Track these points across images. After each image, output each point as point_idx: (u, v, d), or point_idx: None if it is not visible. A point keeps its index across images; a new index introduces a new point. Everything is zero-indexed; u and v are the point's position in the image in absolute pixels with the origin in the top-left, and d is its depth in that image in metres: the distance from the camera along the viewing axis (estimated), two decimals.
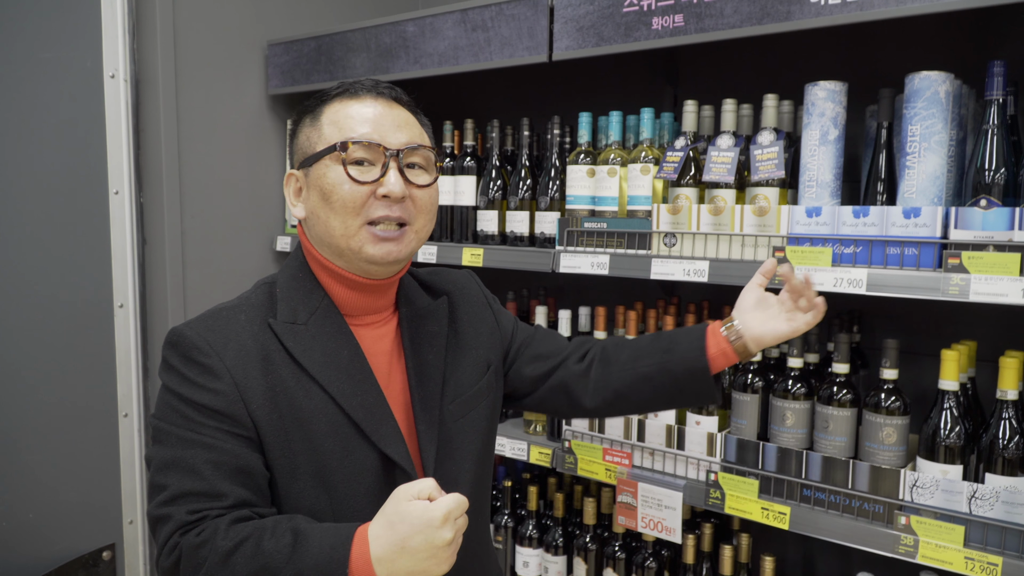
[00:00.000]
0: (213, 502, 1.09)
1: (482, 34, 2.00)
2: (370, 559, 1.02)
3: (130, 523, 2.28)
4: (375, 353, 1.27)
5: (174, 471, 1.11)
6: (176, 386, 1.15)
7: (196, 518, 1.08)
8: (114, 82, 2.17)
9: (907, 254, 1.49)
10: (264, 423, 1.15)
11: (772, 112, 1.72)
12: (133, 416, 2.26)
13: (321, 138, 1.21)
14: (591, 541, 2.09)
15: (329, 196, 1.18)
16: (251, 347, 1.17)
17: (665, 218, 1.77)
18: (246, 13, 2.44)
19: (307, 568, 1.02)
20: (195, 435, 1.12)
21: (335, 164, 1.18)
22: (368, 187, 1.17)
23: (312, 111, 1.25)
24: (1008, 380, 1.49)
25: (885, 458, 1.58)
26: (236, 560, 1.03)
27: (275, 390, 1.16)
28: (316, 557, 1.03)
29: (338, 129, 1.20)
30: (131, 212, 2.22)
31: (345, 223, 1.18)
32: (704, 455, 1.79)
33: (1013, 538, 1.42)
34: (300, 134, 1.25)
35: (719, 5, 1.62)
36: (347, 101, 1.23)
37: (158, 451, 1.14)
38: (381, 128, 1.20)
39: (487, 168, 2.20)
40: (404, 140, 1.21)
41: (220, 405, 1.13)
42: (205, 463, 1.11)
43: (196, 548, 1.06)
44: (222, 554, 1.04)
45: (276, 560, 1.03)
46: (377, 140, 1.18)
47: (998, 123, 1.48)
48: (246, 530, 1.06)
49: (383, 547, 1.02)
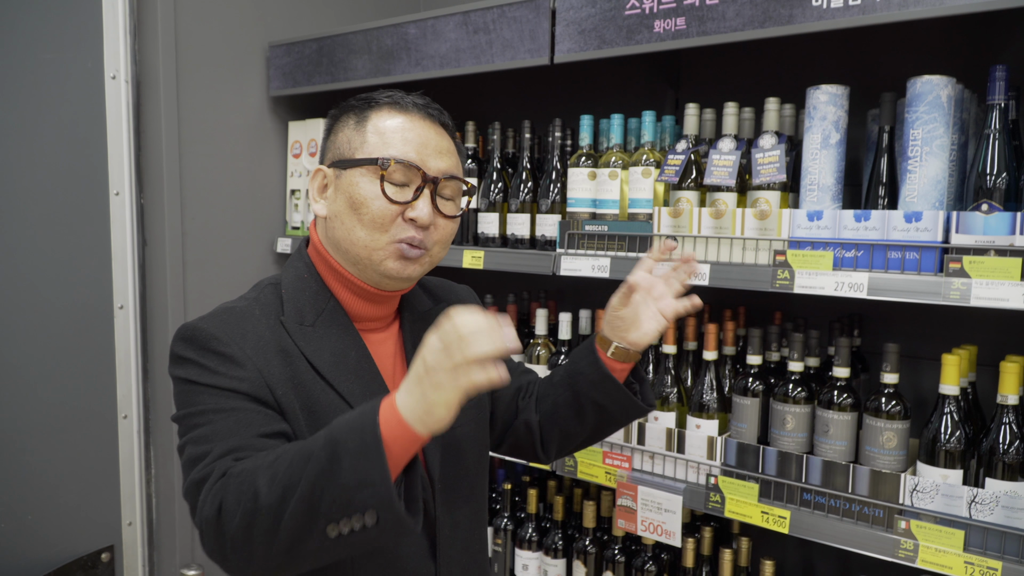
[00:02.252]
0: (254, 453, 1.07)
1: (484, 36, 2.00)
2: (395, 403, 0.98)
3: (129, 525, 2.27)
4: (380, 355, 1.28)
5: (213, 440, 1.09)
6: (196, 377, 1.13)
7: (239, 461, 1.06)
8: (115, 83, 2.16)
9: (908, 258, 1.49)
10: (288, 409, 1.15)
11: (774, 115, 1.72)
12: (132, 418, 2.26)
13: (364, 145, 1.20)
14: (590, 544, 2.09)
15: (359, 207, 1.18)
16: (269, 339, 1.17)
17: (666, 221, 1.77)
18: (247, 15, 2.44)
19: (340, 431, 0.98)
20: (229, 404, 1.11)
21: (372, 177, 1.18)
22: (398, 207, 1.18)
23: (358, 113, 1.23)
24: (1008, 385, 1.49)
25: (885, 462, 1.58)
26: (278, 464, 1.00)
27: (295, 381, 1.16)
28: (348, 420, 1.00)
29: (383, 142, 1.19)
30: (131, 213, 2.22)
31: (372, 236, 1.18)
32: (704, 458, 1.79)
33: (1013, 543, 1.42)
34: (340, 132, 1.24)
35: (721, 8, 1.62)
36: (396, 114, 1.22)
37: (192, 433, 1.11)
38: (424, 152, 1.20)
39: (488, 170, 2.20)
40: (443, 168, 1.22)
41: (247, 388, 1.12)
42: (245, 425, 1.09)
43: (237, 476, 1.02)
44: (264, 466, 1.01)
45: (313, 444, 0.99)
46: (418, 164, 1.19)
47: (1000, 127, 1.47)
48: (285, 445, 1.05)
49: (402, 390, 0.99)
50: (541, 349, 2.15)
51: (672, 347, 1.88)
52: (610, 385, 1.33)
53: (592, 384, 1.35)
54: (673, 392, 1.88)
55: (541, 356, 2.14)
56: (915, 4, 1.41)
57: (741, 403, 1.77)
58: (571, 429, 1.41)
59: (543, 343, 2.15)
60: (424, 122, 1.22)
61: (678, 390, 1.88)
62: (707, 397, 1.82)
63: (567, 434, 1.42)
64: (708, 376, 1.83)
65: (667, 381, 1.88)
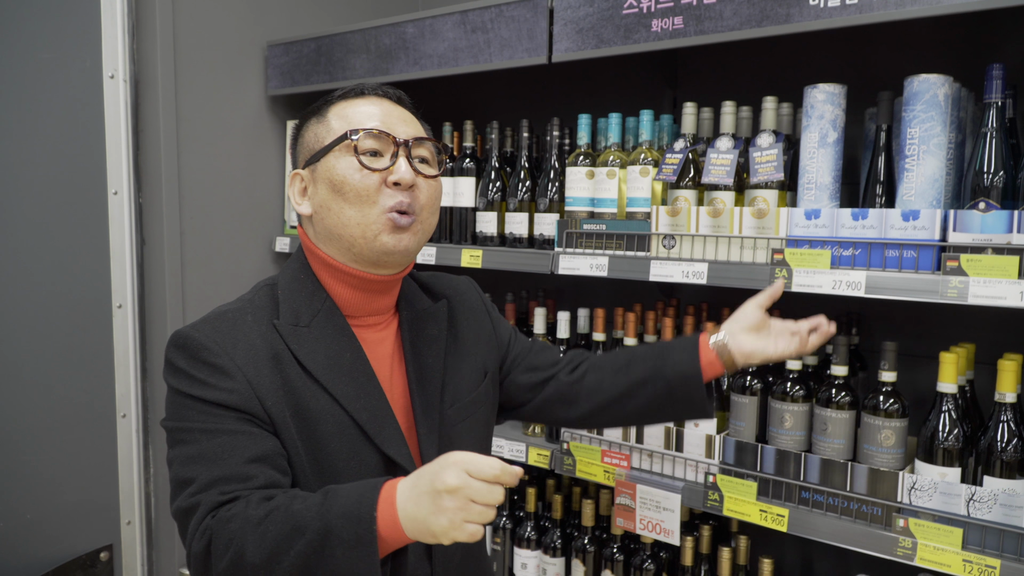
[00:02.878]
0: (242, 484, 1.08)
1: (482, 36, 2.00)
2: (395, 502, 1.00)
3: (128, 524, 2.27)
4: (377, 356, 1.27)
5: (199, 463, 1.10)
6: (187, 388, 1.13)
7: (227, 499, 1.07)
8: (113, 82, 2.17)
9: (906, 256, 1.49)
10: (278, 419, 1.15)
11: (771, 114, 1.73)
12: (131, 417, 2.26)
13: (330, 132, 1.21)
14: (589, 543, 2.09)
15: (341, 186, 1.18)
16: (260, 346, 1.17)
17: (664, 220, 1.77)
18: (246, 14, 2.44)
19: (335, 516, 1.00)
20: (216, 425, 1.11)
21: (346, 154, 1.19)
22: (379, 175, 1.18)
23: (317, 112, 1.26)
24: (1006, 383, 1.49)
25: (883, 460, 1.58)
26: (267, 526, 1.02)
27: (285, 388, 1.16)
28: (344, 505, 1.01)
29: (347, 122, 1.21)
30: (130, 212, 2.22)
31: (362, 212, 1.18)
32: (703, 457, 1.79)
33: (1011, 540, 1.42)
34: (306, 133, 1.26)
35: (718, 7, 1.62)
36: (353, 100, 1.25)
37: (179, 450, 1.13)
38: (388, 121, 1.22)
39: (486, 169, 2.20)
40: (411, 132, 1.24)
41: (236, 402, 1.12)
42: (230, 450, 1.10)
43: (227, 522, 1.04)
44: (253, 523, 1.02)
45: (306, 517, 1.01)
46: (386, 130, 1.20)
47: (997, 126, 1.48)
48: (277, 499, 1.05)
49: (405, 492, 1.01)
50: None
51: None
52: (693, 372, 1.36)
53: (676, 365, 1.37)
54: None
55: None
56: (912, 3, 1.42)
57: (739, 401, 1.77)
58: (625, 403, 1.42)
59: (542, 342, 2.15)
60: (382, 100, 1.25)
61: None
62: None
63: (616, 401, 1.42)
64: None
65: None
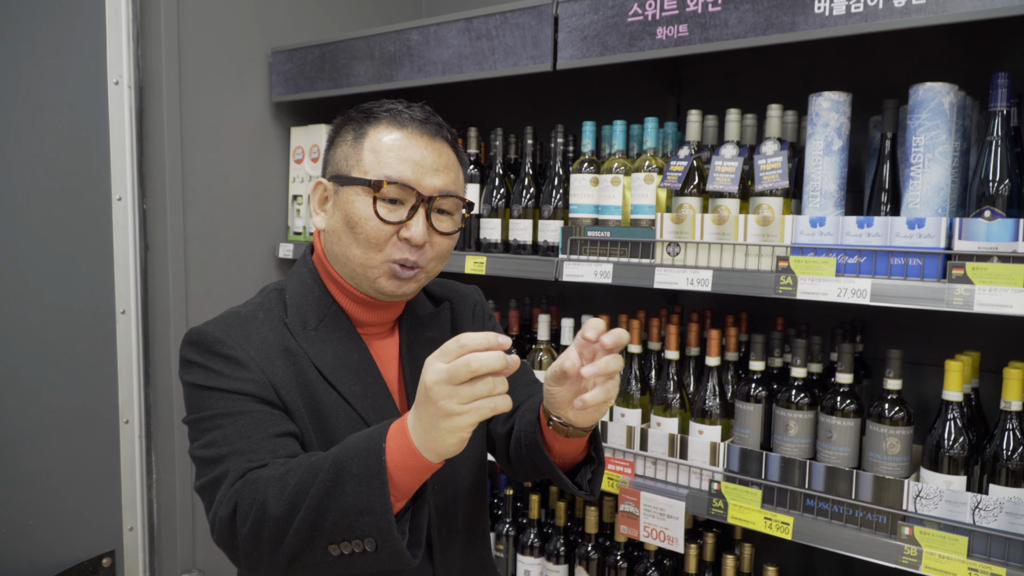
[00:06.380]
0: (269, 454, 1.10)
1: (486, 43, 2.01)
2: (407, 428, 0.99)
3: (130, 530, 2.27)
4: (384, 359, 1.30)
5: (224, 444, 1.11)
6: (203, 380, 1.15)
7: (255, 465, 1.08)
8: (118, 88, 2.17)
9: (911, 264, 1.49)
10: (293, 409, 1.17)
11: (776, 122, 1.73)
12: (134, 423, 2.25)
13: (359, 164, 1.20)
14: (593, 550, 2.09)
15: (354, 226, 1.19)
16: (272, 340, 1.20)
17: (668, 227, 1.77)
18: (250, 20, 2.44)
19: (347, 455, 1.00)
20: (237, 407, 1.13)
21: (366, 196, 1.18)
22: (392, 227, 1.19)
23: (356, 127, 1.23)
24: (1012, 391, 1.49)
25: (888, 468, 1.58)
26: (287, 479, 1.03)
27: (298, 380, 1.19)
28: (356, 443, 1.02)
29: (377, 161, 1.19)
30: (134, 218, 2.22)
31: (367, 255, 1.20)
32: (707, 464, 1.79)
33: (1017, 549, 1.42)
34: (339, 147, 1.24)
35: (723, 16, 1.63)
36: (394, 130, 1.21)
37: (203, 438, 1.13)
38: (420, 171, 1.20)
39: (490, 176, 2.21)
40: (439, 186, 1.21)
41: (253, 389, 1.14)
42: (254, 427, 1.12)
43: (252, 483, 1.05)
44: (276, 478, 1.04)
45: (322, 462, 1.02)
46: (412, 184, 1.19)
47: (1002, 134, 1.48)
48: (300, 457, 1.07)
49: (412, 415, 1.00)
50: (543, 355, 2.15)
51: (675, 353, 1.88)
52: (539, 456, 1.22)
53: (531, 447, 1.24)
54: (675, 398, 1.88)
55: (543, 362, 2.14)
56: (917, 12, 1.42)
57: (744, 409, 1.77)
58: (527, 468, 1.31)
59: (545, 349, 2.15)
60: (422, 138, 1.21)
61: (680, 396, 1.88)
62: (710, 403, 1.82)
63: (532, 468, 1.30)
64: (711, 382, 1.82)
65: (669, 387, 1.88)
